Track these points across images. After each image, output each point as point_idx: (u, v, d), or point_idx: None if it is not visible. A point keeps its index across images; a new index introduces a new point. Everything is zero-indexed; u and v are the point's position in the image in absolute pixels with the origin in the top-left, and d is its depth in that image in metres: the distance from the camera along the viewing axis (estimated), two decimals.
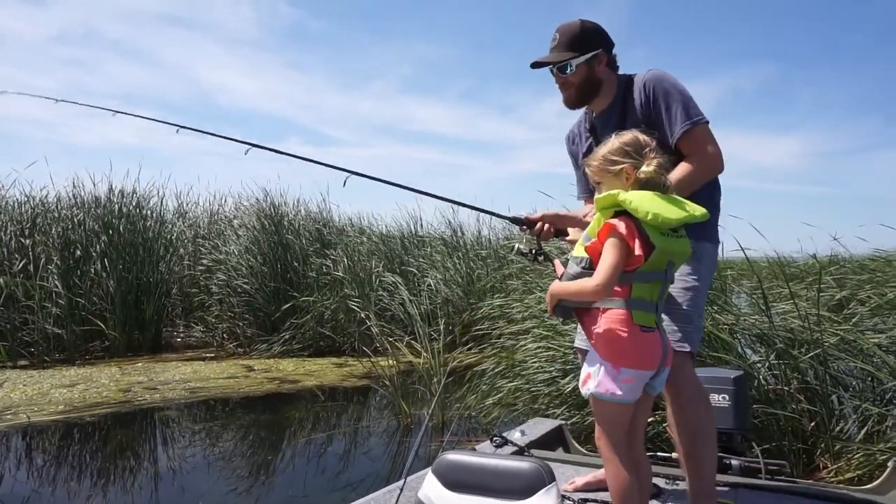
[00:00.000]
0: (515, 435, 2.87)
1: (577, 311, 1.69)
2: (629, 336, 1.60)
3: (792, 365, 3.40)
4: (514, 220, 2.19)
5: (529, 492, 1.45)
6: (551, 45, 2.09)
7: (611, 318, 1.62)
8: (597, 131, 2.14)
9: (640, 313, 1.62)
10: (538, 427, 3.10)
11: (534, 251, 2.13)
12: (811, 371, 3.43)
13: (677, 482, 2.32)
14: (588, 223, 2.22)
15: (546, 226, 2.10)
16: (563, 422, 3.28)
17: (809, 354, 3.37)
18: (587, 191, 2.25)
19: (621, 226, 1.59)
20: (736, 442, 2.65)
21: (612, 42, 2.11)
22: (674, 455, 2.65)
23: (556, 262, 1.81)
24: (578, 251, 1.71)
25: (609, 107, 2.10)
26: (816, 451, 3.26)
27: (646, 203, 1.58)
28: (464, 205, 2.32)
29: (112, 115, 2.68)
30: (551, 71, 2.10)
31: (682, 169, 1.92)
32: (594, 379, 1.63)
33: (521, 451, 2.64)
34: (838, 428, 3.31)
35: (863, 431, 3.23)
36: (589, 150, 2.13)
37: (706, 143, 1.95)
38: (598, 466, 2.41)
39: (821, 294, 3.75)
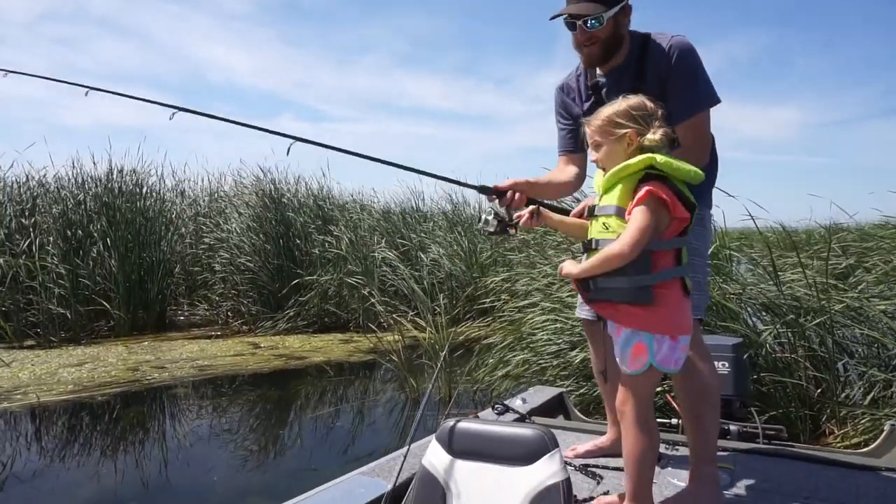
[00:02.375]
0: (517, 402, 2.90)
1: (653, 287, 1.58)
2: (684, 304, 1.60)
3: (799, 333, 3.43)
4: (482, 190, 2.04)
5: (533, 458, 1.46)
6: None
7: (670, 288, 1.59)
8: (601, 90, 2.01)
9: (688, 279, 1.62)
10: (539, 395, 3.13)
11: (504, 221, 1.94)
12: (817, 339, 3.46)
13: (677, 447, 2.35)
14: (563, 187, 2.13)
15: (517, 194, 1.95)
16: (564, 389, 3.31)
17: (815, 322, 3.40)
18: (570, 147, 2.16)
19: (663, 192, 1.54)
20: (735, 408, 2.69)
21: None
22: (674, 421, 2.69)
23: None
24: (617, 226, 1.59)
25: (621, 66, 1.96)
26: (823, 416, 3.31)
27: (682, 163, 1.55)
28: (423, 173, 2.16)
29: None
30: (570, 26, 1.92)
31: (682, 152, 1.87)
32: (654, 352, 1.59)
33: (522, 419, 2.68)
34: (844, 394, 3.35)
35: (869, 397, 3.27)
36: (590, 109, 2.01)
37: (703, 132, 1.90)
38: (599, 433, 2.44)
39: (826, 262, 3.76)
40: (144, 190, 8.60)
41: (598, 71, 2.02)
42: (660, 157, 1.55)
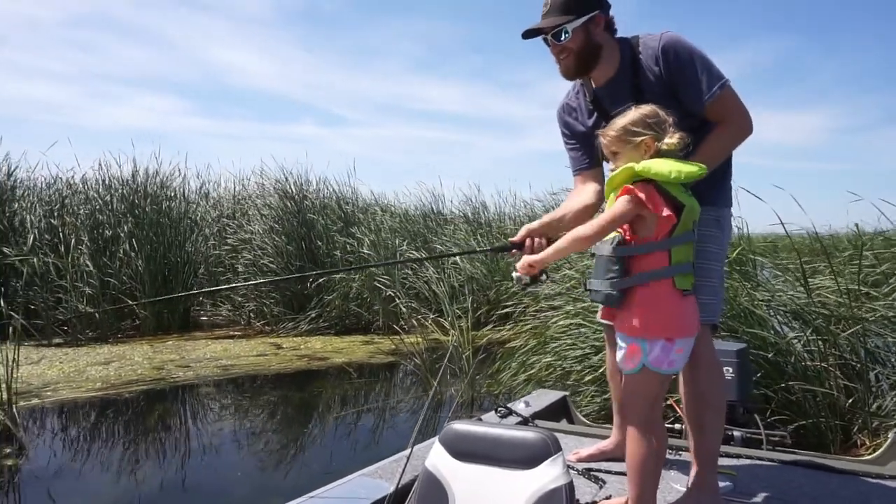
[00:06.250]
0: (520, 406, 2.91)
1: (625, 292, 1.64)
2: (676, 304, 1.61)
3: (830, 341, 3.37)
4: (499, 250, 2.08)
5: (535, 461, 1.45)
6: (542, 11, 1.93)
7: (657, 289, 1.62)
8: (601, 103, 1.99)
9: (680, 278, 1.63)
10: (542, 398, 3.13)
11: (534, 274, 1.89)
12: (848, 347, 3.40)
13: (680, 452, 2.34)
14: (585, 211, 2.11)
15: (535, 240, 1.97)
16: (567, 393, 3.31)
17: (849, 331, 3.33)
18: (583, 165, 2.16)
19: (639, 189, 1.60)
20: (738, 414, 2.67)
21: (608, 3, 1.95)
22: (678, 426, 2.67)
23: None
24: None
25: (616, 75, 1.94)
26: (854, 427, 3.24)
27: (665, 165, 1.60)
28: (450, 255, 2.22)
29: None
30: (546, 41, 1.94)
31: (719, 135, 1.87)
32: (647, 353, 1.62)
33: (525, 422, 2.68)
34: (876, 405, 3.28)
35: None
36: (596, 125, 2.02)
37: (737, 105, 1.89)
38: (602, 437, 2.43)
39: (858, 269, 3.69)
40: (170, 191, 8.73)
41: (594, 84, 2.01)
42: (639, 166, 1.61)
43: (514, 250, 2.01)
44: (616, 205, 1.62)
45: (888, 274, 3.97)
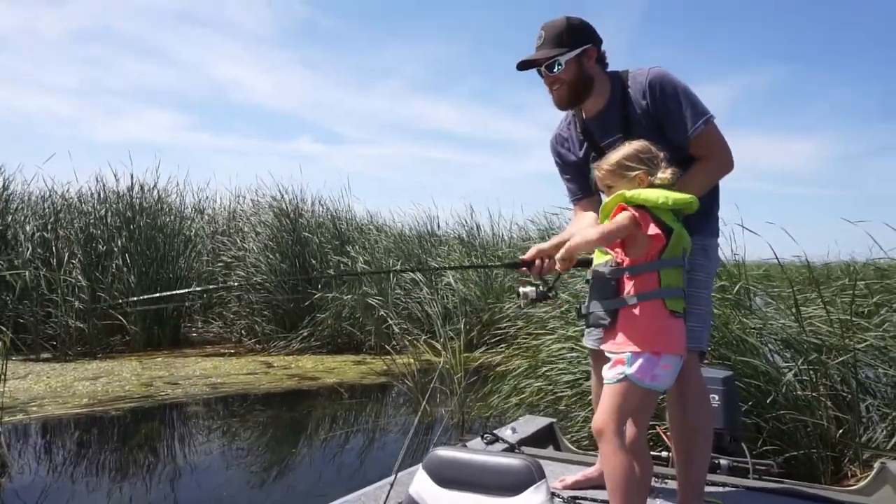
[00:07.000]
0: (506, 432, 2.89)
1: (615, 314, 1.70)
2: (666, 322, 1.66)
3: (821, 370, 3.37)
4: (510, 266, 2.16)
5: (519, 488, 1.44)
6: (537, 44, 2.00)
7: (647, 308, 1.66)
8: (592, 134, 2.06)
9: (671, 300, 1.68)
10: (529, 425, 3.12)
11: (542, 288, 2.02)
12: (839, 377, 3.40)
13: (666, 481, 2.32)
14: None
15: (545, 261, 2.04)
16: (554, 420, 3.29)
17: (839, 360, 3.34)
18: (579, 196, 2.21)
19: (632, 208, 1.68)
20: (725, 442, 2.67)
21: (600, 38, 2.02)
22: (664, 454, 2.66)
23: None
24: (599, 257, 1.77)
25: (606, 107, 2.01)
26: (844, 458, 3.23)
27: (654, 192, 1.68)
28: (451, 268, 2.27)
29: None
30: (539, 72, 2.01)
31: (699, 169, 1.92)
32: (631, 364, 1.63)
33: (511, 449, 2.66)
34: (866, 436, 3.28)
35: (893, 440, 3.19)
36: (587, 155, 2.09)
37: (719, 141, 1.94)
38: (589, 464, 2.42)
39: (848, 299, 3.71)
40: (165, 207, 8.73)
41: (584, 116, 2.07)
42: (629, 193, 1.69)
43: (525, 269, 2.07)
44: (618, 217, 1.69)
45: (879, 304, 3.98)
